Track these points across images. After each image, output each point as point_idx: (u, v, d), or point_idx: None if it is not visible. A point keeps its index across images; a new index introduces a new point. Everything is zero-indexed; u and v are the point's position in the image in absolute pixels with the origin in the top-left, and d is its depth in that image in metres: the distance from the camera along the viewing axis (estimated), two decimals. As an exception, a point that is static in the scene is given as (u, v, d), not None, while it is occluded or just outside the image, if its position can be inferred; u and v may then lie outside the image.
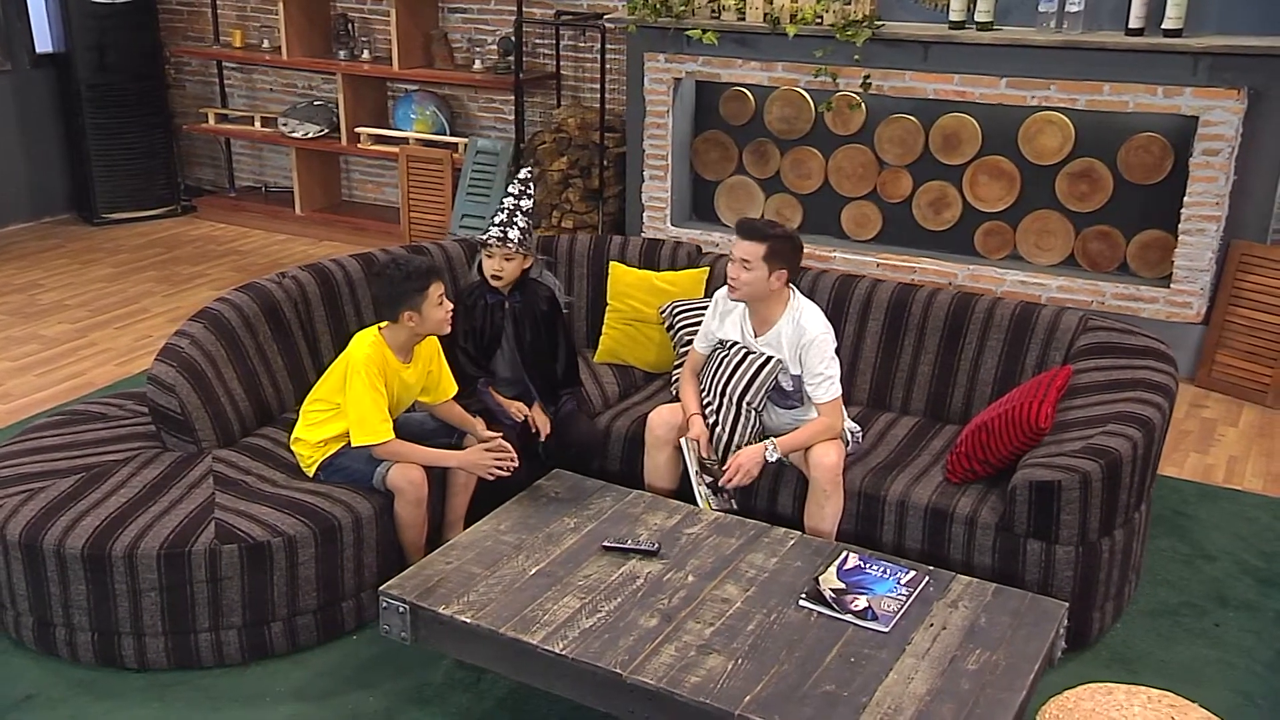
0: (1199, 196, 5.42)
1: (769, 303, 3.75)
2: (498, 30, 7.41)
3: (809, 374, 3.70)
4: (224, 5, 8.34)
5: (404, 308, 3.59)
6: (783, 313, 3.75)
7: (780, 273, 3.67)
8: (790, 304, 3.76)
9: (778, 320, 3.75)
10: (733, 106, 6.48)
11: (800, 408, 3.81)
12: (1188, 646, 3.66)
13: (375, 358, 3.61)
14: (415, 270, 3.62)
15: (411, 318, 3.61)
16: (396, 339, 3.67)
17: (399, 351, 3.68)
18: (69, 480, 3.63)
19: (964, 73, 5.66)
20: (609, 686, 2.88)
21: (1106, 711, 2.71)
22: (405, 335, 3.66)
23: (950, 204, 6.13)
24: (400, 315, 3.61)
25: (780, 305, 3.75)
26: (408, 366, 3.71)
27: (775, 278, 3.67)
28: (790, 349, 3.73)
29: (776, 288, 3.70)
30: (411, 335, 3.67)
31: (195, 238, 7.99)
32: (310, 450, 3.72)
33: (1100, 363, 3.90)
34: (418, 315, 3.61)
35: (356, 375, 3.58)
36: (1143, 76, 5.36)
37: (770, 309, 3.77)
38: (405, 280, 3.59)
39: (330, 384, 3.72)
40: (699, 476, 3.74)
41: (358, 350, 3.62)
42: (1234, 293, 5.54)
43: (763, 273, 3.65)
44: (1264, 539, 4.28)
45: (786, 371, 3.75)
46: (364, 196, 8.33)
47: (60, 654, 3.50)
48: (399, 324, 3.63)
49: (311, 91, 8.25)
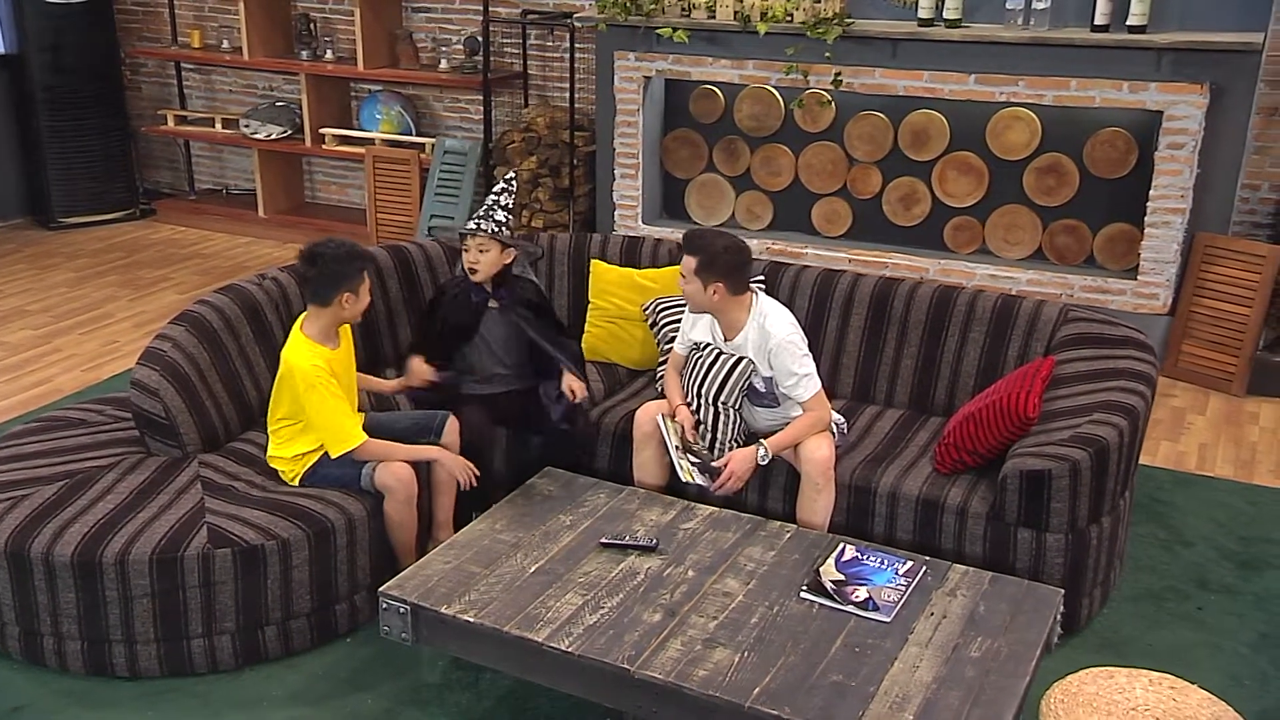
0: (1164, 190, 5.52)
1: (727, 311, 3.73)
2: (463, 30, 7.38)
3: (784, 376, 3.70)
4: (181, 5, 8.23)
5: (343, 289, 3.54)
6: (747, 319, 3.74)
7: (716, 285, 3.64)
8: (754, 309, 3.75)
9: (743, 326, 3.76)
10: (702, 104, 6.50)
11: (779, 406, 3.82)
12: (1173, 630, 3.73)
13: (318, 362, 3.54)
14: (356, 252, 3.60)
15: (348, 299, 3.56)
16: (319, 326, 3.60)
17: (326, 340, 3.61)
18: (53, 487, 3.57)
19: (933, 69, 5.72)
20: (616, 682, 2.88)
21: (1109, 694, 2.76)
22: (328, 320, 3.59)
23: (920, 200, 6.19)
24: (335, 298, 3.54)
25: (742, 311, 3.74)
26: (338, 350, 3.66)
27: (712, 290, 3.65)
28: (757, 352, 3.74)
29: (716, 300, 3.68)
30: (335, 320, 3.61)
31: (156, 241, 7.88)
32: (289, 465, 3.69)
33: (1082, 353, 3.96)
34: (354, 297, 3.57)
35: (312, 390, 3.52)
36: (1108, 72, 5.45)
37: (733, 316, 3.75)
38: (349, 261, 3.56)
39: (284, 403, 3.65)
40: (679, 451, 3.73)
41: (298, 362, 3.54)
42: (1198, 284, 5.65)
43: (698, 285, 3.66)
44: (1239, 524, 4.37)
45: (757, 373, 3.77)
46: (327, 198, 8.26)
47: (48, 664, 3.44)
48: (326, 308, 3.56)
49: (272, 92, 8.17)
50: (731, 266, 3.67)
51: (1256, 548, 4.20)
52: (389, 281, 4.55)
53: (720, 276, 3.65)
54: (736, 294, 3.71)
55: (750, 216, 6.57)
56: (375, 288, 4.42)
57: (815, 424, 3.72)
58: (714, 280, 3.65)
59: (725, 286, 3.67)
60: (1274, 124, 5.80)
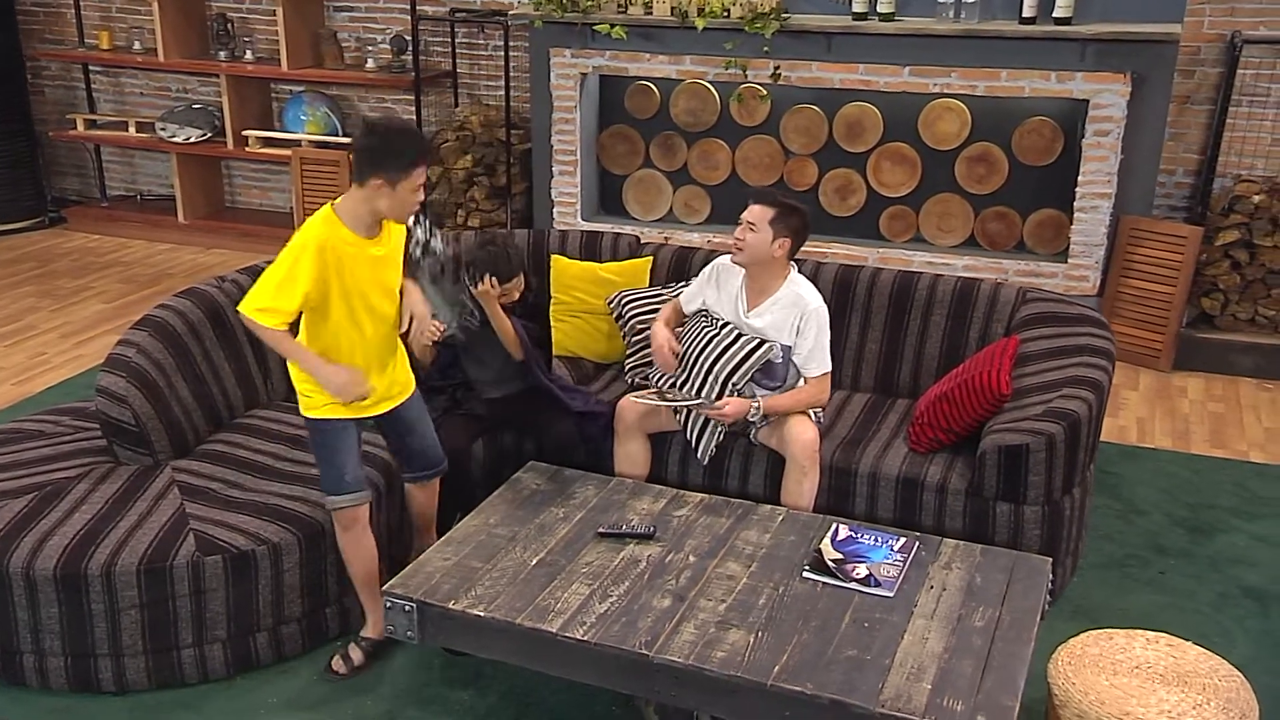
0: (1091, 176, 5.73)
1: (769, 271, 3.78)
2: (388, 29, 7.29)
3: (806, 345, 3.75)
4: (87, 6, 7.96)
5: (380, 172, 3.04)
6: (780, 286, 3.79)
7: (783, 240, 3.71)
8: (789, 278, 3.81)
9: (774, 293, 3.79)
10: (638, 100, 6.54)
11: (781, 387, 3.86)
12: (1139, 595, 3.88)
13: (320, 234, 3.07)
14: (411, 137, 3.15)
15: (381, 188, 3.05)
16: (355, 212, 3.12)
17: (359, 227, 3.13)
18: (22, 500, 3.46)
19: (869, 62, 5.84)
20: (635, 668, 2.90)
21: (1112, 655, 2.88)
22: (366, 209, 3.10)
23: (855, 190, 6.32)
24: (370, 180, 3.06)
25: (779, 278, 3.79)
26: (375, 241, 3.17)
27: (778, 244, 3.71)
28: (784, 319, 3.77)
29: (779, 255, 3.73)
30: (372, 210, 3.11)
31: (70, 250, 7.62)
32: (301, 384, 3.27)
33: (1043, 331, 4.10)
34: (389, 189, 3.06)
35: (287, 250, 3.07)
36: (1037, 63, 5.63)
37: (769, 279, 3.79)
38: (397, 139, 3.10)
39: None
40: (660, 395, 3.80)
41: (304, 228, 3.11)
42: (1125, 265, 5.88)
43: (766, 235, 3.69)
44: (1184, 491, 4.56)
45: (775, 346, 3.78)
46: (248, 202, 8.08)
47: (28, 683, 3.33)
48: (360, 189, 3.08)
49: (187, 95, 7.95)
50: (802, 227, 3.75)
51: (1204, 514, 4.40)
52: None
53: (790, 233, 3.72)
54: (791, 257, 3.79)
55: (688, 211, 6.63)
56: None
57: (814, 398, 3.79)
58: (784, 235, 3.70)
59: (791, 244, 3.73)
60: (1186, 111, 6.06)
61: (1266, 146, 5.95)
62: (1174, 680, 2.79)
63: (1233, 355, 5.77)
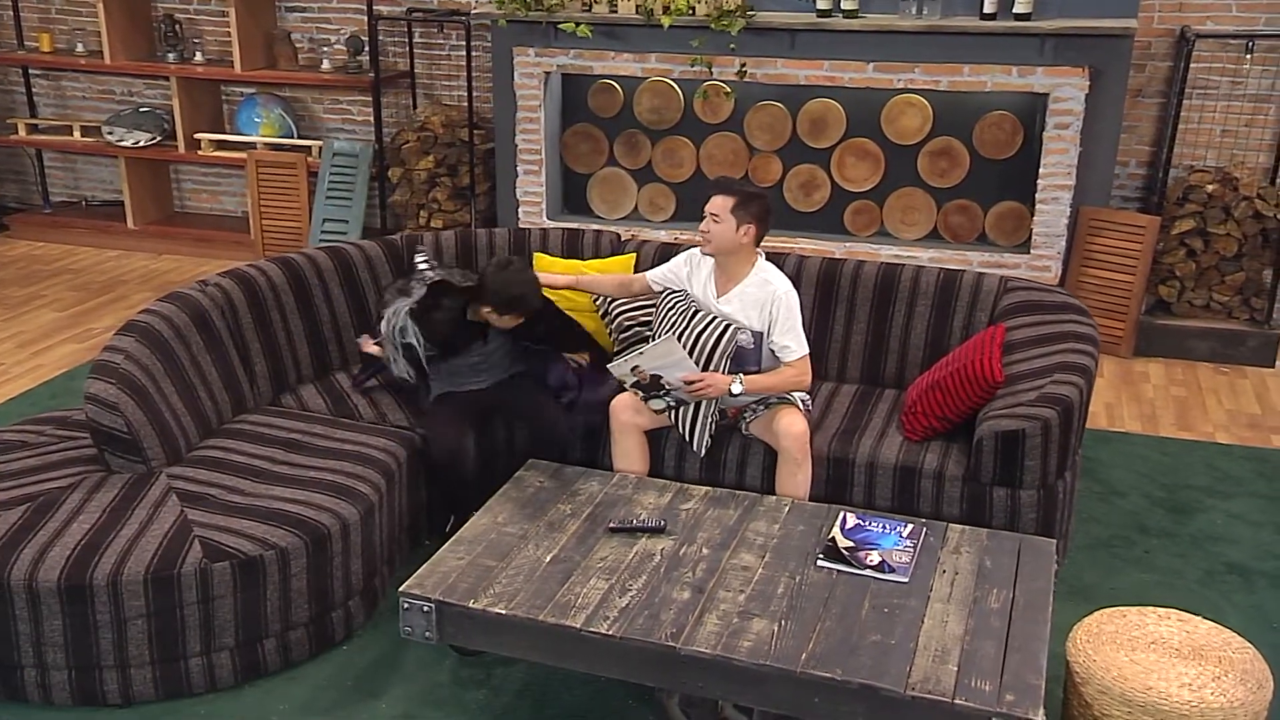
0: (1052, 168, 5.85)
1: (737, 258, 3.83)
2: (341, 29, 7.21)
3: (780, 331, 3.79)
4: (26, 7, 7.76)
5: None
6: (748, 273, 3.85)
7: (748, 227, 3.76)
8: (757, 265, 3.86)
9: (742, 279, 3.85)
10: (601, 99, 6.54)
11: (756, 372, 3.88)
12: (1128, 574, 3.98)
13: None
14: None
15: None
16: None
17: None
18: (16, 512, 3.37)
19: (833, 59, 5.91)
20: (661, 661, 2.90)
21: (1128, 631, 2.95)
22: None
23: (820, 185, 6.39)
24: None
25: (747, 265, 3.85)
26: None
27: (743, 231, 3.76)
28: (753, 305, 3.82)
29: (745, 242, 3.78)
30: None
31: (15, 258, 7.42)
32: None
33: (1027, 319, 4.18)
34: None
35: None
36: (998, 58, 5.74)
37: (737, 266, 3.85)
38: None
39: None
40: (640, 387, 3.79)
41: None
42: (1085, 255, 6.01)
43: (731, 224, 3.74)
44: (1159, 473, 4.69)
45: (744, 330, 3.82)
46: (198, 207, 7.93)
47: (29, 698, 3.25)
48: None
49: (132, 98, 7.78)
50: (765, 212, 3.81)
51: (1180, 494, 4.52)
52: (330, 285, 4.43)
53: (754, 219, 3.77)
54: (758, 243, 3.84)
55: (653, 209, 6.64)
56: (318, 293, 4.36)
57: (794, 380, 3.81)
58: (748, 221, 3.75)
59: (756, 230, 3.78)
60: (1138, 105, 6.22)
61: (1216, 138, 6.12)
62: (1190, 654, 2.87)
63: (1190, 340, 5.93)
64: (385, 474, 3.70)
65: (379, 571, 3.67)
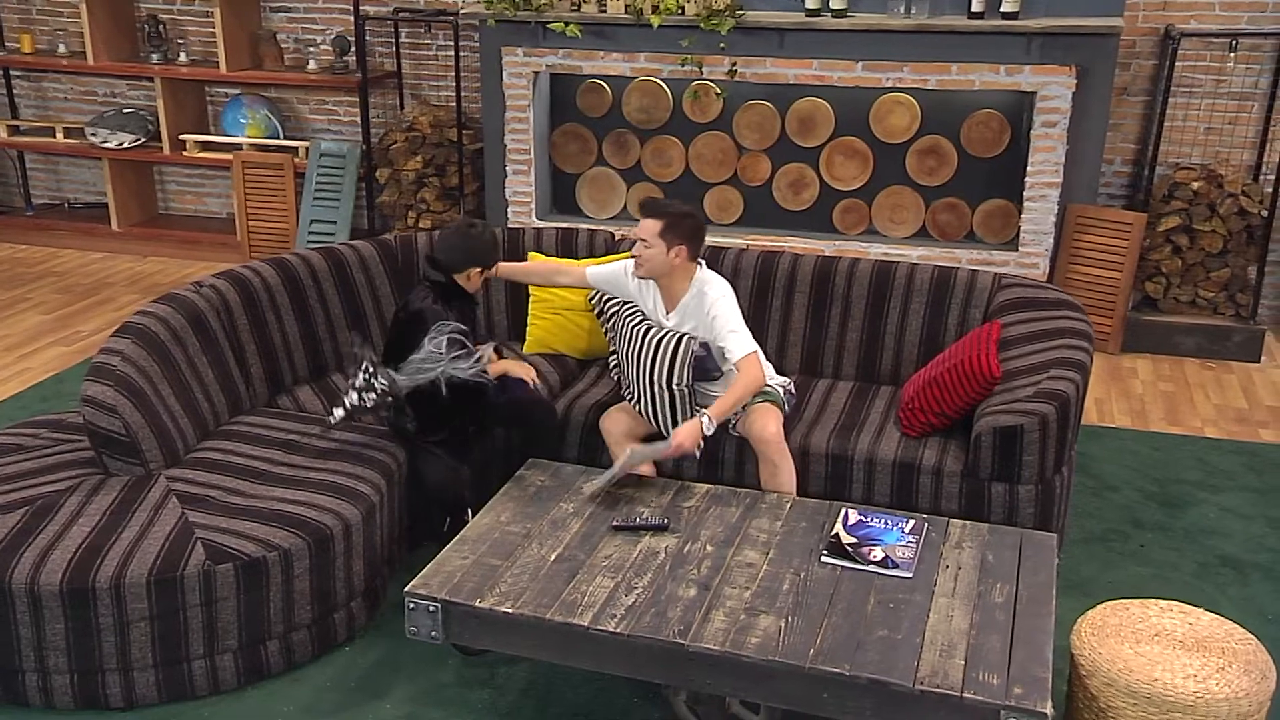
0: (1040, 166, 5.89)
1: (674, 278, 3.85)
2: (327, 29, 7.18)
3: (720, 332, 3.78)
4: (6, 7, 7.69)
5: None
6: (688, 287, 3.86)
7: (679, 249, 3.76)
8: (696, 276, 3.87)
9: (684, 294, 3.87)
10: (590, 99, 6.54)
11: (724, 376, 3.90)
12: (1124, 568, 4.01)
13: None
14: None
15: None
16: None
17: None
18: (15, 515, 3.35)
19: (823, 58, 5.93)
20: (669, 658, 2.91)
21: (1132, 624, 2.97)
22: None
23: (809, 184, 6.41)
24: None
25: (685, 280, 3.86)
26: None
27: (674, 254, 3.77)
28: (697, 316, 3.83)
29: (678, 264, 3.79)
30: None
31: (-2, 261, 7.37)
32: None
33: (1022, 316, 4.21)
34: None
35: None
36: (986, 57, 5.78)
37: (676, 284, 3.87)
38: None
39: None
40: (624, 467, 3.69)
41: None
42: (1073, 252, 6.06)
43: (660, 249, 3.75)
44: (1151, 467, 4.73)
45: (696, 338, 3.84)
46: (182, 208, 7.88)
47: (30, 702, 3.22)
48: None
49: (115, 99, 7.73)
50: (694, 229, 3.81)
51: (1172, 488, 4.56)
52: (325, 286, 4.42)
53: (683, 239, 3.77)
54: (693, 259, 3.84)
55: (642, 208, 6.64)
56: (313, 294, 4.35)
57: (751, 385, 3.76)
58: (678, 243, 3.76)
59: (687, 250, 3.79)
60: (1123, 102, 6.27)
61: (1201, 135, 6.17)
62: (1194, 646, 2.90)
63: (1176, 336, 5.98)
64: (385, 474, 3.69)
65: (380, 572, 3.66)
